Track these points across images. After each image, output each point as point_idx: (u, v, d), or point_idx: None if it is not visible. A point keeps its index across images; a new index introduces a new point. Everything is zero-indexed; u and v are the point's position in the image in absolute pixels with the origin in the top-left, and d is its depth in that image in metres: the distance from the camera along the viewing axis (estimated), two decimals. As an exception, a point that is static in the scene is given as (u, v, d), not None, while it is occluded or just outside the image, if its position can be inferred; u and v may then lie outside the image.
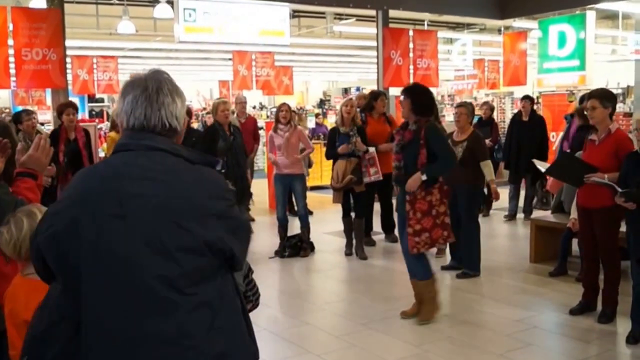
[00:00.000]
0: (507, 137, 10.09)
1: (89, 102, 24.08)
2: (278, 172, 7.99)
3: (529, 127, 9.67)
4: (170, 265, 1.75)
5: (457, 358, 4.75)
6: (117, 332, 1.77)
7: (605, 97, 5.27)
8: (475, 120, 7.97)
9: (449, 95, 21.87)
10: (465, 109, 6.84)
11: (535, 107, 10.29)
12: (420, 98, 5.33)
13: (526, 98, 9.96)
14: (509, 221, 9.83)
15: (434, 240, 5.33)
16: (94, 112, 23.62)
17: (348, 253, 7.80)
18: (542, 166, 6.87)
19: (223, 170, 7.62)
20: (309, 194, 11.35)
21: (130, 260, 1.76)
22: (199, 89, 27.31)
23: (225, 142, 7.21)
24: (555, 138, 11.19)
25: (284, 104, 8.21)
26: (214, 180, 1.92)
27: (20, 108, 18.17)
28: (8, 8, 8.83)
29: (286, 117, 7.91)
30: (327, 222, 9.55)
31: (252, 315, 5.92)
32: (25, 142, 7.46)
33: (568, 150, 7.70)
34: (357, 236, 7.77)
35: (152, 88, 1.90)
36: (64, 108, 7.26)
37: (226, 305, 1.87)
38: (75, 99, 21.39)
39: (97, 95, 22.48)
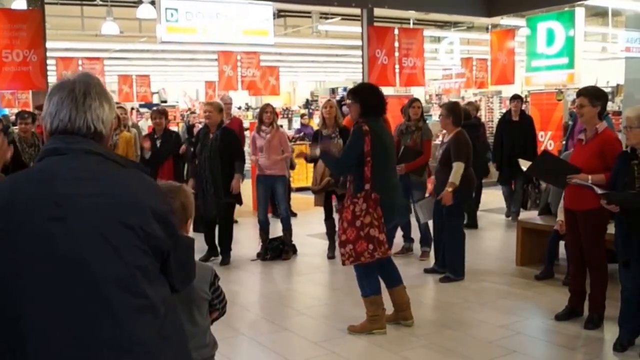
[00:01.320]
0: (496, 138, 9.96)
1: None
2: (260, 174, 7.87)
3: (519, 127, 9.54)
4: (116, 265, 1.68)
5: (438, 365, 4.62)
6: (66, 340, 1.64)
7: (594, 96, 5.13)
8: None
9: (436, 95, 21.77)
10: (443, 109, 6.72)
11: (523, 106, 10.16)
12: (368, 100, 5.04)
13: (516, 98, 9.83)
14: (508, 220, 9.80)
15: (358, 253, 4.82)
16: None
17: (330, 256, 7.66)
18: (525, 165, 6.74)
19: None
20: (294, 195, 11.28)
21: (73, 262, 1.66)
22: (185, 90, 27.15)
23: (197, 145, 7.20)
24: (544, 137, 11.09)
25: (267, 104, 8.11)
26: (152, 184, 1.91)
27: (6, 110, 18.04)
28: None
29: (270, 118, 7.80)
30: (310, 225, 9.42)
31: (231, 320, 5.82)
32: (21, 144, 7.37)
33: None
34: (331, 236, 7.66)
35: (79, 90, 1.86)
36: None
37: (170, 311, 1.80)
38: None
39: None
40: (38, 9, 8.88)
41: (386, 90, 13.57)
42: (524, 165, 6.84)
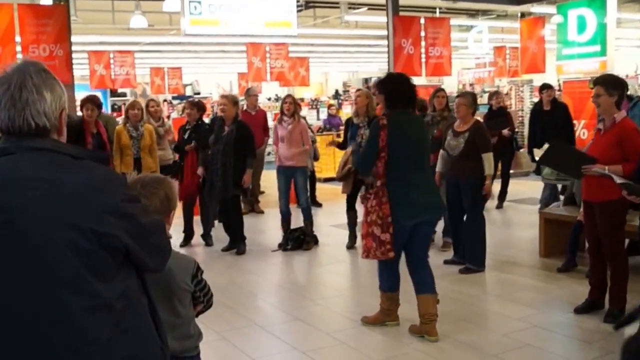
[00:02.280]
0: (529, 128, 9.81)
1: (111, 96, 24.25)
2: (280, 165, 7.88)
3: (551, 116, 9.34)
4: (65, 267, 1.66)
5: (446, 356, 4.55)
6: (19, 342, 1.64)
7: (610, 85, 4.97)
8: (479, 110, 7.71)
9: (470, 84, 21.46)
10: (464, 99, 6.57)
11: (556, 94, 9.95)
12: (393, 91, 4.84)
13: (547, 87, 9.61)
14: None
15: (367, 249, 4.72)
16: (116, 107, 23.76)
17: (349, 246, 7.63)
18: (538, 156, 6.61)
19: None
20: (320, 185, 11.29)
21: (23, 266, 1.65)
22: (219, 82, 27.29)
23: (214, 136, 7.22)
24: (577, 126, 10.85)
25: (288, 95, 8.16)
26: (104, 177, 1.81)
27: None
28: (15, 5, 8.83)
29: (290, 109, 7.81)
30: (335, 215, 9.38)
31: (245, 310, 5.85)
32: None
33: None
34: (351, 227, 7.64)
35: (15, 86, 1.76)
36: (83, 103, 7.36)
37: (131, 306, 1.78)
38: (97, 94, 21.68)
39: (120, 90, 22.61)
40: (63, 4, 9.00)
41: (417, 81, 13.52)
42: (539, 155, 6.69)
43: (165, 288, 2.45)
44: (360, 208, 6.85)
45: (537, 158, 6.54)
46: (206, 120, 12.08)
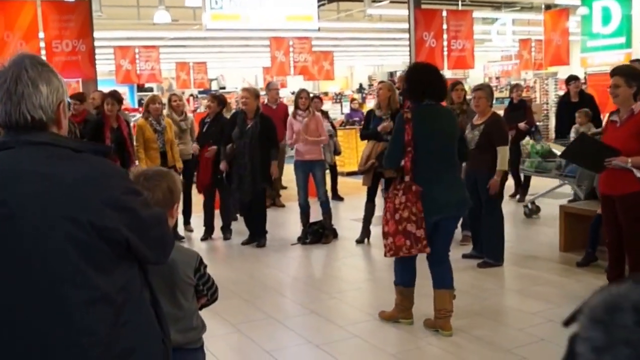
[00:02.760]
0: (557, 120, 9.72)
1: (137, 91, 24.52)
2: (298, 159, 7.90)
3: (579, 107, 9.22)
4: (64, 260, 1.67)
5: (460, 351, 4.54)
6: (20, 336, 1.68)
7: (630, 76, 4.91)
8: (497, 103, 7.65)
9: (496, 77, 21.26)
10: (483, 92, 6.51)
11: (583, 87, 9.85)
12: (415, 82, 4.72)
13: (574, 79, 9.49)
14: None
15: (397, 247, 4.59)
16: (142, 102, 24.00)
17: (359, 241, 7.65)
18: (558, 150, 6.52)
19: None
20: (342, 179, 11.29)
21: (22, 261, 1.68)
22: (244, 76, 27.40)
23: (239, 130, 7.23)
24: (602, 119, 10.69)
25: (302, 90, 8.16)
26: (103, 170, 1.81)
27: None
28: (38, 1, 8.97)
29: (305, 103, 7.84)
30: (356, 209, 9.34)
31: (261, 303, 5.87)
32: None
33: None
34: (367, 219, 7.63)
35: (11, 80, 1.76)
36: (104, 98, 7.42)
37: (132, 299, 1.80)
38: (124, 89, 21.90)
39: (147, 85, 22.82)
40: (86, 0, 9.12)
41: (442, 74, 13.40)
42: (557, 149, 6.61)
43: (168, 281, 2.48)
44: (379, 202, 6.87)
45: (557, 152, 6.44)
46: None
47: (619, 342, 0.63)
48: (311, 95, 8.54)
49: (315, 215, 8.00)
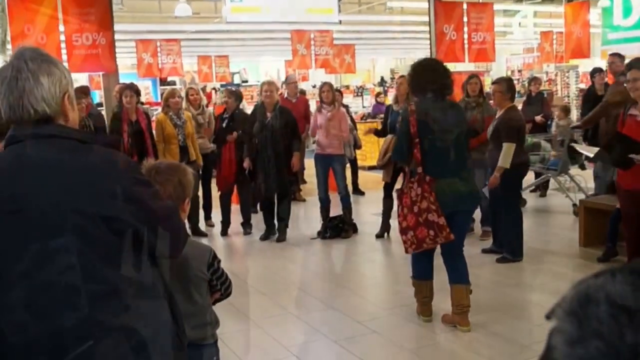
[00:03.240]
0: (582, 114, 9.59)
1: (160, 85, 24.59)
2: (319, 152, 7.90)
3: None
4: (72, 253, 1.68)
5: (480, 347, 4.53)
6: (31, 329, 1.70)
7: None
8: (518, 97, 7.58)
9: (518, 71, 21.04)
10: (499, 86, 6.44)
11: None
12: (416, 77, 4.77)
13: (598, 71, 9.34)
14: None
15: (420, 240, 4.57)
16: (165, 95, 24.09)
17: (378, 234, 7.63)
18: (587, 151, 6.43)
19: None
20: (362, 173, 11.27)
21: (32, 252, 1.69)
22: (266, 70, 27.38)
23: (259, 124, 7.25)
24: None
25: (325, 83, 8.14)
26: (111, 161, 1.82)
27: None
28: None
29: (328, 97, 7.82)
30: (376, 203, 9.30)
31: (280, 298, 5.87)
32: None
33: None
34: (385, 214, 7.61)
35: (12, 74, 1.76)
36: (122, 90, 7.43)
37: (144, 291, 1.80)
38: (147, 83, 21.97)
39: (169, 79, 22.90)
40: (106, -8, 9.13)
41: (462, 67, 13.30)
42: (586, 151, 6.51)
43: (182, 276, 2.49)
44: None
45: (587, 154, 6.34)
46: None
47: (591, 334, 0.63)
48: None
49: (336, 209, 8.00)
